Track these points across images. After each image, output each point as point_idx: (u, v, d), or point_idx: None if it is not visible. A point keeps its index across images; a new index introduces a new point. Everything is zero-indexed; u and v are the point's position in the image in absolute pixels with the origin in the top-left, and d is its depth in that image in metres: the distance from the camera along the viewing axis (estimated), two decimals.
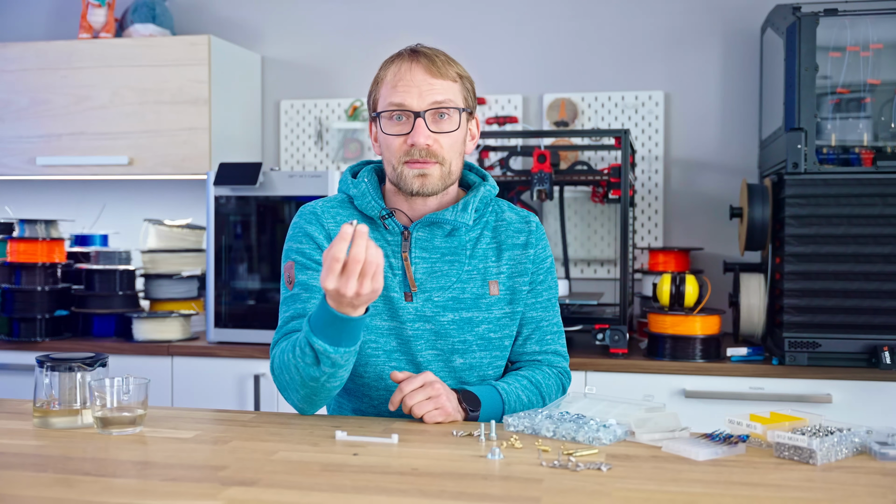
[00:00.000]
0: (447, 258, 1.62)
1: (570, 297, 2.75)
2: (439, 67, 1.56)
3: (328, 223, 1.63)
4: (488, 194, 1.66)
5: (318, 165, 3.35)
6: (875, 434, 1.30)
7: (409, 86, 1.54)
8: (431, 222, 1.60)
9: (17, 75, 3.17)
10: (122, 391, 1.41)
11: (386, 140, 1.58)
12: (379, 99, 1.59)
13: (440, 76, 1.56)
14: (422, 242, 1.61)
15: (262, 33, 3.41)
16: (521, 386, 1.60)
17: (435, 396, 1.47)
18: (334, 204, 1.66)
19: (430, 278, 1.60)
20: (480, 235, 1.65)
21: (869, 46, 2.47)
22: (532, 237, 1.66)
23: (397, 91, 1.55)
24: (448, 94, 1.56)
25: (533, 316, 1.67)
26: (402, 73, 1.56)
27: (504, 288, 1.63)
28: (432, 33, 3.23)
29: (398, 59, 1.58)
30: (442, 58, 1.58)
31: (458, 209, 1.60)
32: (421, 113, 1.54)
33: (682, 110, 3.11)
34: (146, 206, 3.44)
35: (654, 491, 1.12)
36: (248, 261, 2.81)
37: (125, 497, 1.10)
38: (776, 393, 2.41)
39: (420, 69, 1.55)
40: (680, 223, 3.11)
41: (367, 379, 1.61)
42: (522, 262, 1.65)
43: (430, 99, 1.55)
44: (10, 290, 2.91)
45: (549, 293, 1.69)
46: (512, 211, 1.70)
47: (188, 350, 2.76)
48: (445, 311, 1.60)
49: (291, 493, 1.11)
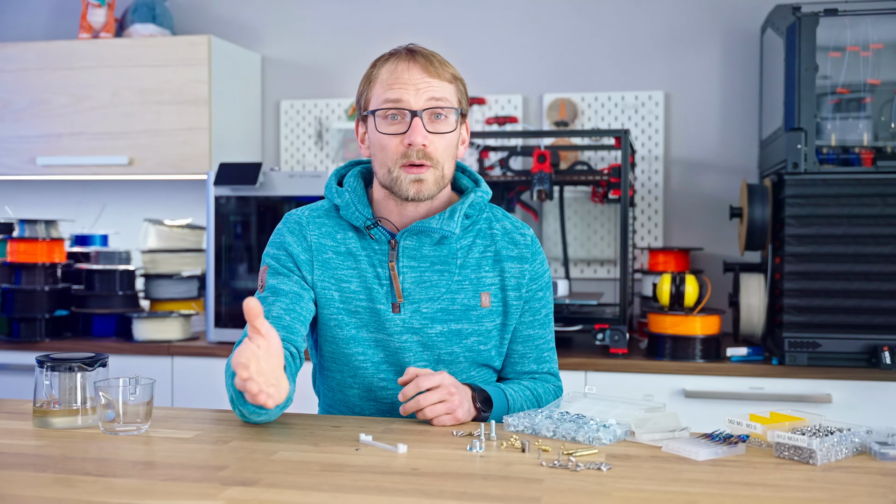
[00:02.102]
0: (436, 267, 1.57)
1: (570, 297, 2.75)
2: (436, 67, 1.53)
3: (311, 234, 1.59)
4: (480, 201, 1.60)
5: (318, 165, 3.35)
6: (875, 434, 1.30)
7: (406, 84, 1.51)
8: (419, 230, 1.55)
9: (17, 75, 3.17)
10: (129, 391, 1.41)
11: (380, 140, 1.53)
12: (371, 98, 1.54)
13: (437, 76, 1.52)
14: (409, 251, 1.57)
15: (262, 33, 3.41)
16: (524, 396, 1.59)
17: (449, 401, 1.44)
18: (320, 213, 1.62)
19: (418, 288, 1.56)
20: (472, 244, 1.60)
21: (869, 46, 2.47)
22: (528, 251, 1.62)
23: (394, 89, 1.51)
24: (444, 94, 1.53)
25: (530, 334, 1.64)
26: (399, 72, 1.52)
27: (496, 300, 1.59)
28: (432, 33, 3.23)
29: (394, 57, 1.54)
30: (438, 58, 1.55)
31: (444, 217, 1.55)
32: (418, 112, 1.50)
33: (682, 110, 3.11)
34: (146, 206, 3.44)
35: (654, 491, 1.12)
36: (248, 261, 2.81)
37: (125, 497, 1.10)
38: (776, 393, 2.41)
39: (417, 68, 1.52)
40: (680, 223, 3.11)
41: (356, 390, 1.59)
42: (517, 277, 1.60)
43: (428, 96, 1.51)
44: (10, 290, 2.91)
45: (546, 310, 1.66)
46: (507, 219, 1.65)
47: (188, 350, 2.76)
48: (434, 322, 1.56)
49: (291, 493, 1.11)
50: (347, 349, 1.58)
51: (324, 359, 1.63)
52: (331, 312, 1.58)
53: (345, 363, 1.59)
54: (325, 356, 1.62)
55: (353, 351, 1.57)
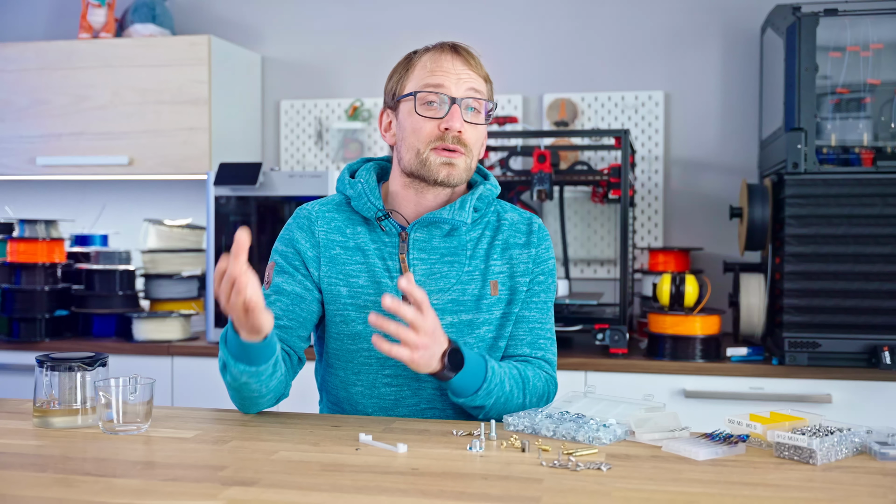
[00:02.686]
0: (447, 259, 1.59)
1: (570, 297, 2.75)
2: (475, 65, 1.59)
3: (320, 230, 1.61)
4: (489, 193, 1.63)
5: (318, 165, 3.35)
6: (875, 434, 1.30)
7: (448, 72, 1.55)
8: (430, 222, 1.57)
9: (17, 75, 3.17)
10: (129, 391, 1.41)
11: (415, 123, 1.55)
12: (408, 83, 1.58)
13: (476, 71, 1.59)
14: (420, 243, 1.59)
15: (262, 33, 3.41)
16: (509, 374, 1.53)
17: (418, 345, 1.39)
18: (331, 207, 1.64)
19: (429, 280, 1.57)
20: (481, 235, 1.62)
21: (869, 46, 2.47)
22: (534, 237, 1.64)
23: (436, 75, 1.55)
24: (482, 88, 1.59)
25: (527, 316, 1.62)
26: (442, 60, 1.56)
27: (504, 288, 1.60)
28: (432, 33, 3.20)
29: (437, 48, 1.59)
30: (476, 58, 1.61)
31: (455, 207, 1.57)
32: (458, 99, 1.54)
33: (682, 110, 3.11)
34: (146, 206, 3.44)
35: (654, 491, 1.12)
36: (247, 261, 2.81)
37: (125, 497, 1.10)
38: (776, 393, 2.41)
39: (460, 60, 1.57)
40: (680, 223, 3.11)
41: (360, 387, 1.59)
42: (524, 262, 1.61)
43: (468, 86, 1.56)
44: (10, 290, 2.91)
45: (546, 295, 1.65)
46: (514, 212, 1.67)
47: (188, 350, 2.76)
48: (444, 314, 1.56)
49: (291, 493, 1.11)
50: (353, 345, 1.58)
51: (329, 356, 1.63)
52: (337, 308, 1.59)
53: (349, 360, 1.59)
54: (330, 353, 1.63)
55: (359, 347, 1.58)
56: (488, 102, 1.60)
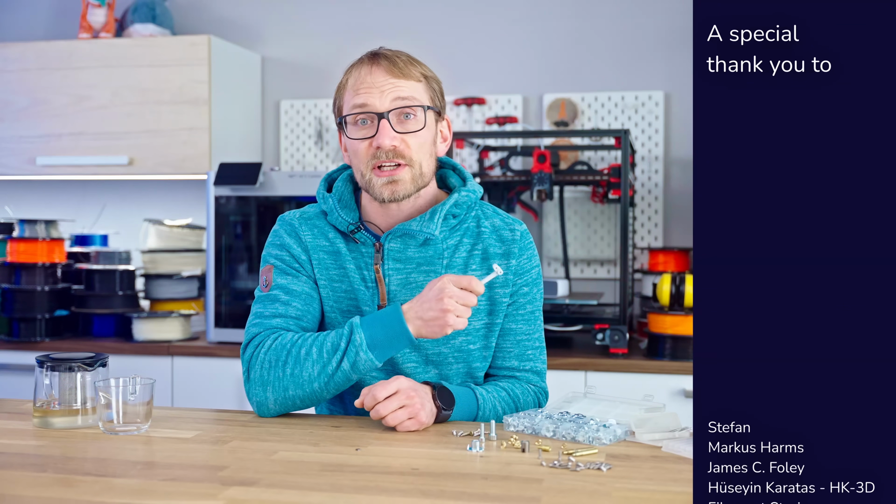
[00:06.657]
0: (422, 268, 1.57)
1: (569, 297, 2.75)
2: (401, 68, 1.52)
3: (305, 235, 1.60)
4: (466, 200, 1.59)
5: (318, 165, 3.35)
6: None
7: (370, 87, 1.51)
8: (403, 232, 1.55)
9: (17, 75, 3.17)
10: (129, 391, 1.41)
11: (353, 146, 1.54)
12: (343, 105, 1.56)
13: (402, 76, 1.52)
14: (395, 253, 1.56)
15: (262, 33, 3.41)
16: (498, 397, 1.56)
17: (409, 405, 1.42)
18: (311, 216, 1.63)
19: (403, 290, 1.56)
20: (459, 243, 1.59)
21: None
22: (515, 246, 1.59)
23: (360, 94, 1.51)
24: (411, 93, 1.52)
25: (513, 328, 1.61)
26: (362, 76, 1.52)
27: (483, 298, 1.57)
28: (432, 33, 3.23)
29: (359, 63, 1.55)
30: (404, 58, 1.54)
31: (425, 219, 1.54)
32: (384, 114, 1.50)
33: (682, 110, 3.11)
34: (146, 206, 3.44)
35: (654, 491, 1.12)
36: (248, 261, 2.81)
37: (125, 497, 1.10)
38: None
39: (381, 70, 1.52)
40: (680, 223, 3.11)
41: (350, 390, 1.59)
42: (504, 273, 1.57)
43: (393, 97, 1.51)
44: (10, 290, 2.91)
45: (532, 305, 1.62)
46: (497, 216, 1.63)
47: (188, 350, 2.76)
48: None
49: (291, 493, 1.11)
50: None
51: None
52: (328, 310, 1.59)
53: None
54: None
55: None
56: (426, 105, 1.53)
